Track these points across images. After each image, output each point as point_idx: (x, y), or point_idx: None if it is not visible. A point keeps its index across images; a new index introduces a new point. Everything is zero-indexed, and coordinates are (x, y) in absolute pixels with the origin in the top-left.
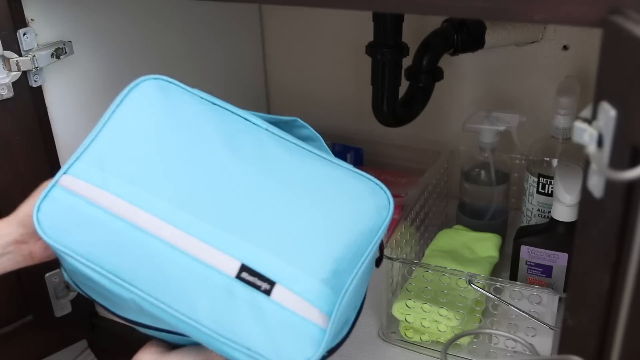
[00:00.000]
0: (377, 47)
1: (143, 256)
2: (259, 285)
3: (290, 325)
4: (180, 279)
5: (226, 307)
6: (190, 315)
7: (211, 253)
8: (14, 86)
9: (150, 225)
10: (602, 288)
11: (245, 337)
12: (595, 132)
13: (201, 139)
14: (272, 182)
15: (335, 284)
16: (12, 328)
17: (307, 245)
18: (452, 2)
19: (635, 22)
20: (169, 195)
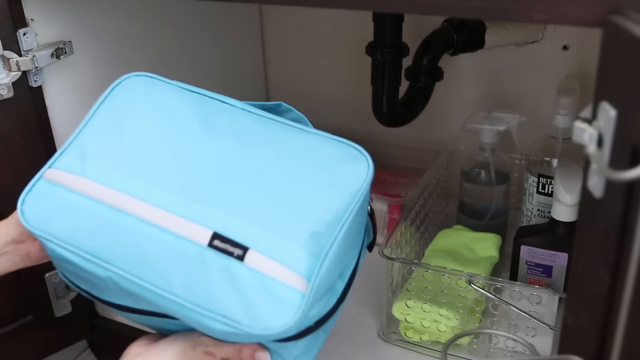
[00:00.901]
0: (377, 47)
1: (117, 234)
2: (231, 252)
3: (266, 290)
4: (154, 252)
5: (200, 276)
6: (165, 287)
7: (183, 224)
8: (14, 86)
9: (123, 203)
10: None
11: (220, 305)
12: (595, 132)
13: (176, 121)
14: (245, 153)
15: (314, 248)
16: (12, 328)
17: (282, 210)
18: (452, 2)
19: (635, 22)
20: (142, 175)
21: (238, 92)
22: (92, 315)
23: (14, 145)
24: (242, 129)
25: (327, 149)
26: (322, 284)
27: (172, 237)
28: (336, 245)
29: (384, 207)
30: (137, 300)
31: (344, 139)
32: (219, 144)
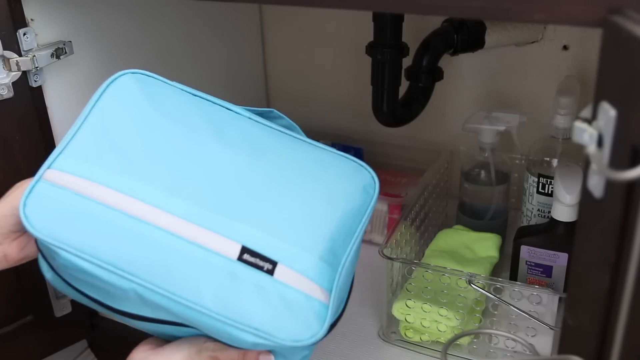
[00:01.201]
0: (377, 47)
1: (140, 245)
2: (261, 266)
3: (295, 303)
4: (182, 265)
5: (231, 289)
6: (195, 300)
7: (210, 237)
8: (14, 86)
9: (144, 213)
10: (602, 288)
11: (252, 317)
12: (595, 132)
13: (187, 128)
14: (261, 167)
15: (333, 261)
16: (12, 328)
17: (302, 225)
18: (452, 2)
19: (635, 22)
20: (160, 183)
21: (238, 92)
22: (92, 315)
23: (14, 145)
24: (255, 141)
25: (335, 163)
26: (339, 295)
27: (200, 249)
28: (350, 258)
29: (384, 207)
30: (156, 311)
31: (347, 154)
32: (234, 156)
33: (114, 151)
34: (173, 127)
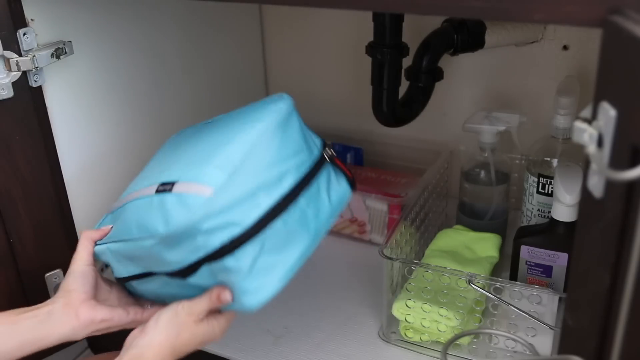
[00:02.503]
0: (377, 47)
1: (125, 216)
2: (164, 189)
3: (180, 203)
4: (130, 215)
5: (148, 214)
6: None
7: (143, 191)
8: (14, 86)
9: (130, 197)
10: (602, 288)
11: (151, 225)
12: (595, 132)
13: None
14: (197, 136)
15: (222, 164)
16: None
17: (209, 151)
18: (452, 2)
19: (635, 22)
20: (146, 180)
21: (238, 92)
22: None
23: (14, 145)
24: (202, 127)
25: (258, 106)
26: (232, 190)
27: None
28: (248, 159)
29: (384, 207)
30: (134, 264)
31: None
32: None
33: (146, 170)
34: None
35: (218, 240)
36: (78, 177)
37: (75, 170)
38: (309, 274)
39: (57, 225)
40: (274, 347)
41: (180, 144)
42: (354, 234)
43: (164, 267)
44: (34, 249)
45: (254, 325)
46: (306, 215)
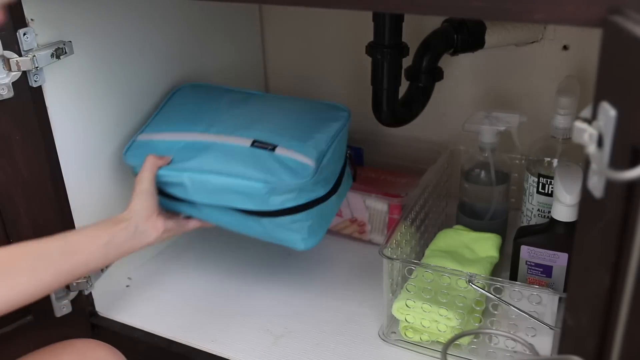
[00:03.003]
0: (377, 47)
1: (201, 152)
2: (265, 147)
3: (289, 163)
4: (220, 154)
5: (251, 161)
6: (232, 172)
7: (233, 139)
8: (14, 86)
9: (203, 138)
10: (602, 288)
11: (260, 174)
12: (595, 132)
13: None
14: (269, 107)
15: (319, 148)
16: (12, 328)
17: (297, 130)
18: (452, 2)
19: (635, 22)
20: (205, 126)
21: None
22: (92, 315)
23: (14, 145)
24: (265, 97)
25: (318, 104)
26: (322, 171)
27: (230, 145)
28: (331, 150)
29: (384, 207)
30: (210, 195)
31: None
32: (247, 105)
33: (179, 119)
34: (207, 102)
35: (304, 199)
36: (78, 177)
37: (75, 170)
38: (309, 274)
39: (57, 225)
40: (274, 347)
41: (236, 106)
42: (354, 234)
43: (250, 205)
44: None
45: (254, 325)
46: (341, 197)
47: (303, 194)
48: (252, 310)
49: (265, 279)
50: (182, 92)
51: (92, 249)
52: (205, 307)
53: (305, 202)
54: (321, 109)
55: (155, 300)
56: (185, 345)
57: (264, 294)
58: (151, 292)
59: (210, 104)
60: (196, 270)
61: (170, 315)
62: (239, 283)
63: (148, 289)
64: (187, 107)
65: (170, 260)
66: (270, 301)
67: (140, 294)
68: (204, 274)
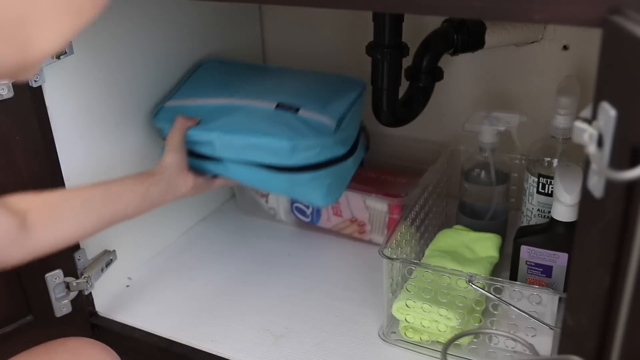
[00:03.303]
0: (377, 47)
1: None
2: (287, 108)
3: (312, 123)
4: (246, 115)
5: (275, 120)
6: (259, 130)
7: (259, 102)
8: (13, 86)
9: (229, 101)
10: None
11: (286, 132)
12: (595, 132)
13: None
14: (289, 77)
15: (338, 112)
16: (12, 328)
17: (317, 96)
18: (452, 2)
19: (635, 22)
20: (230, 92)
21: None
22: (92, 315)
23: (14, 145)
24: (285, 69)
25: (335, 76)
26: (341, 132)
27: (256, 107)
28: (350, 114)
29: (384, 207)
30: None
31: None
32: (269, 74)
33: (204, 87)
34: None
35: (325, 157)
36: (78, 177)
37: (75, 170)
38: (309, 274)
39: None
40: (274, 347)
41: (260, 76)
42: (354, 234)
43: (275, 160)
44: None
45: (254, 325)
46: (357, 161)
47: (324, 152)
48: (252, 310)
49: (265, 279)
50: (206, 65)
51: (130, 198)
52: (205, 307)
53: (325, 159)
54: (338, 80)
55: (155, 300)
56: (185, 345)
57: (264, 294)
58: (151, 292)
59: (234, 75)
60: (196, 270)
61: (170, 315)
62: (239, 283)
63: (148, 289)
64: (213, 77)
65: (170, 260)
66: (270, 301)
67: (140, 294)
68: (203, 273)
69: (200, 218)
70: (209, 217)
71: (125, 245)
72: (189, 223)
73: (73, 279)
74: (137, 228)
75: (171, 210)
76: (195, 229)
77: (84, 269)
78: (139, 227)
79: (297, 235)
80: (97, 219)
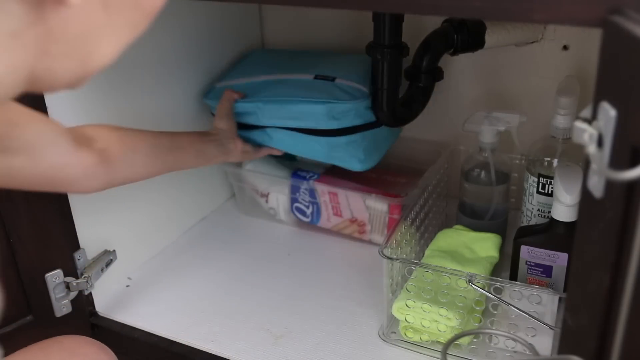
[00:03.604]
0: (377, 47)
1: (281, 87)
2: (326, 78)
3: (347, 89)
4: (287, 86)
5: (314, 89)
6: (298, 96)
7: (299, 75)
8: None
9: (271, 77)
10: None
11: (322, 97)
12: (595, 132)
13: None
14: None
15: (365, 78)
16: (12, 328)
17: (347, 66)
18: (452, 2)
19: (635, 22)
20: (272, 70)
21: None
22: (92, 315)
23: None
24: (323, 52)
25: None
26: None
27: (296, 79)
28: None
29: (384, 207)
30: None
31: None
32: (312, 55)
33: (245, 69)
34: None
35: (360, 121)
36: None
37: None
38: (310, 274)
39: (57, 225)
40: (274, 347)
41: (299, 56)
42: (354, 234)
43: (313, 124)
44: (34, 249)
45: (254, 325)
46: (393, 132)
47: (359, 115)
48: (252, 310)
49: (265, 279)
50: (252, 53)
51: (191, 151)
52: (205, 307)
53: (360, 123)
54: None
55: (155, 300)
56: (185, 345)
57: (264, 294)
58: (151, 292)
59: (276, 58)
60: (196, 270)
61: (170, 315)
62: (239, 283)
63: (148, 289)
64: (257, 62)
65: (170, 260)
66: (270, 301)
67: (140, 294)
68: (203, 273)
69: (200, 218)
70: (209, 217)
71: (125, 245)
72: (189, 223)
73: (73, 279)
74: (137, 228)
75: (171, 210)
76: (195, 229)
77: (84, 269)
78: (139, 227)
79: (297, 235)
80: (162, 164)
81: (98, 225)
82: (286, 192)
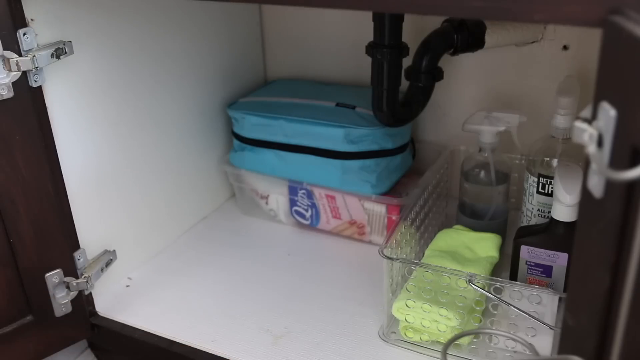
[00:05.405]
0: (377, 47)
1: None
2: (347, 106)
3: (364, 117)
4: (312, 110)
5: (335, 116)
6: (319, 119)
7: (321, 102)
8: (14, 86)
9: (294, 100)
10: (602, 288)
11: (343, 123)
12: (595, 132)
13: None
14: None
15: None
16: (12, 328)
17: (368, 99)
18: (452, 2)
19: (635, 22)
20: (296, 94)
21: (237, 92)
22: (92, 315)
23: (14, 145)
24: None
25: None
26: (392, 128)
27: (319, 105)
28: None
29: (382, 208)
30: (296, 137)
31: None
32: (333, 87)
33: (269, 92)
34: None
35: (375, 147)
36: (78, 176)
37: (75, 170)
38: (310, 274)
39: (57, 225)
40: (274, 347)
41: (320, 87)
42: (353, 236)
43: (336, 146)
44: (34, 249)
45: (254, 325)
46: (405, 161)
47: (375, 142)
48: (252, 310)
49: (265, 279)
50: (277, 81)
51: None
52: (205, 307)
53: (376, 149)
54: None
55: (155, 300)
56: (185, 345)
57: (264, 294)
58: (151, 292)
59: (299, 85)
60: (196, 269)
61: (170, 315)
62: (239, 283)
63: (148, 289)
64: (280, 87)
65: (170, 260)
66: (270, 301)
67: (140, 294)
68: (203, 273)
69: (200, 218)
70: (209, 217)
71: (125, 245)
72: (189, 223)
73: (73, 279)
74: (137, 228)
75: (171, 210)
76: (195, 229)
77: (84, 269)
78: (139, 227)
79: (297, 235)
80: None
81: (98, 225)
82: (285, 194)
